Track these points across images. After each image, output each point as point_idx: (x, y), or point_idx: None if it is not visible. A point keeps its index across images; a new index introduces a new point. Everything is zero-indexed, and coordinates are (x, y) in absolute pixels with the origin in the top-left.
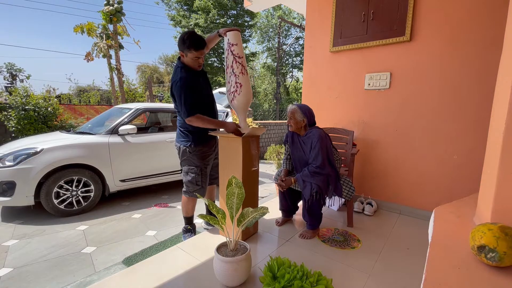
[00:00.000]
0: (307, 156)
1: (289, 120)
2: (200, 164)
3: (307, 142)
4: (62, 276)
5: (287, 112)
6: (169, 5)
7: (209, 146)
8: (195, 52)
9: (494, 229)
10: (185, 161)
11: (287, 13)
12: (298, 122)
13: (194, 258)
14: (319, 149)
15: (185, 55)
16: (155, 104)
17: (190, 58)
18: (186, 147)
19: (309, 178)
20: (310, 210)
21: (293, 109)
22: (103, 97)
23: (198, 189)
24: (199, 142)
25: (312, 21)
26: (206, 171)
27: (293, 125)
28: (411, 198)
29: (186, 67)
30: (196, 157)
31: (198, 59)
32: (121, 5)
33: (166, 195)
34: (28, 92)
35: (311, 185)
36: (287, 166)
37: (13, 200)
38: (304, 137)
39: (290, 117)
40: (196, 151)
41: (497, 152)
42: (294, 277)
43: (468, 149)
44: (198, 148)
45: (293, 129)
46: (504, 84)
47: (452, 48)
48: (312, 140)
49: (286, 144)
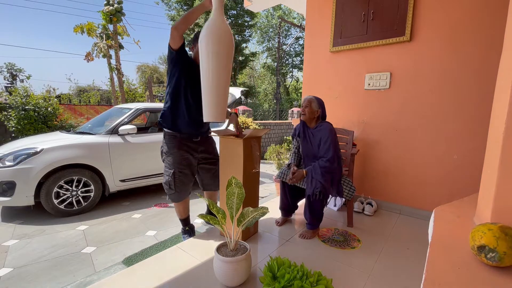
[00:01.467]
0: (314, 149)
1: (304, 108)
2: (174, 168)
3: (316, 134)
4: (62, 276)
5: (303, 101)
6: (169, 5)
7: (187, 150)
8: None
9: (494, 229)
10: (164, 161)
11: (287, 13)
12: (313, 111)
13: (194, 258)
14: (330, 143)
15: (195, 48)
16: (155, 104)
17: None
18: (162, 148)
19: (317, 175)
20: (312, 209)
21: (310, 99)
22: (103, 97)
23: (172, 193)
24: (173, 144)
25: (312, 21)
26: (183, 176)
27: (307, 113)
28: (411, 198)
29: (190, 56)
30: (172, 159)
31: None
32: (121, 5)
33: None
34: (28, 92)
35: (316, 183)
36: (295, 160)
37: (13, 200)
38: (314, 130)
39: (306, 105)
40: (170, 153)
41: (497, 152)
42: (294, 277)
43: (468, 149)
44: (174, 151)
45: (306, 118)
46: (504, 84)
47: (452, 48)
48: (324, 133)
49: (294, 137)
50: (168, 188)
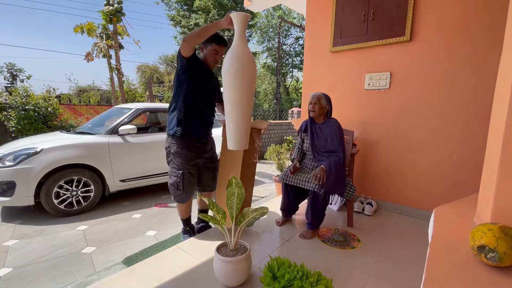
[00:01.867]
0: (321, 143)
1: (314, 105)
2: (183, 168)
3: (324, 129)
4: (62, 276)
5: (311, 98)
6: (169, 5)
7: (196, 152)
8: (215, 45)
9: (494, 229)
10: (170, 162)
11: (287, 13)
12: (322, 107)
13: (194, 258)
14: (340, 138)
15: (204, 49)
16: (155, 104)
17: (208, 51)
18: (169, 148)
19: (329, 173)
20: (314, 209)
21: (318, 95)
22: (103, 97)
23: (179, 194)
24: (183, 145)
25: (312, 21)
26: (190, 176)
27: (317, 110)
28: (411, 198)
29: (200, 59)
30: (180, 159)
31: (216, 54)
32: (121, 5)
33: (166, 195)
34: (28, 92)
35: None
36: (298, 155)
37: (13, 200)
38: (322, 125)
39: (315, 102)
40: (179, 154)
41: (497, 152)
42: (294, 277)
43: (468, 149)
44: (183, 152)
45: (316, 115)
46: (504, 84)
47: (452, 48)
48: (333, 128)
49: (300, 132)
50: (175, 189)
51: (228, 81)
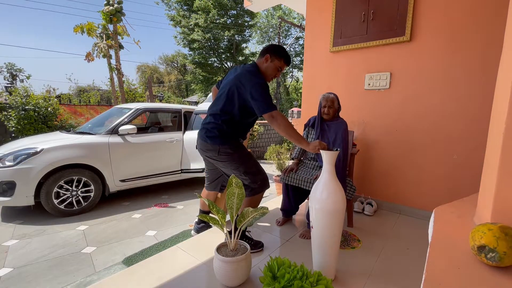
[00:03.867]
0: (326, 141)
1: (328, 109)
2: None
3: (332, 127)
4: (62, 276)
5: (325, 100)
6: (169, 5)
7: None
8: (284, 64)
9: (494, 229)
10: (239, 165)
11: (287, 13)
12: (335, 110)
13: (194, 258)
14: (345, 139)
15: (270, 60)
16: (155, 104)
17: (272, 65)
18: (227, 150)
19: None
20: None
21: (332, 98)
22: (103, 97)
23: (264, 177)
24: (239, 145)
25: (312, 21)
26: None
27: (331, 113)
28: (411, 198)
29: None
30: (249, 157)
31: (279, 71)
32: (121, 5)
33: (166, 195)
34: (28, 92)
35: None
36: (300, 151)
37: (13, 200)
38: (331, 122)
39: (329, 105)
40: (244, 155)
41: (497, 152)
42: (294, 277)
43: (468, 149)
44: (244, 152)
45: (329, 117)
46: (504, 84)
47: (452, 48)
48: (341, 128)
49: (306, 127)
50: (267, 180)
51: (327, 218)
